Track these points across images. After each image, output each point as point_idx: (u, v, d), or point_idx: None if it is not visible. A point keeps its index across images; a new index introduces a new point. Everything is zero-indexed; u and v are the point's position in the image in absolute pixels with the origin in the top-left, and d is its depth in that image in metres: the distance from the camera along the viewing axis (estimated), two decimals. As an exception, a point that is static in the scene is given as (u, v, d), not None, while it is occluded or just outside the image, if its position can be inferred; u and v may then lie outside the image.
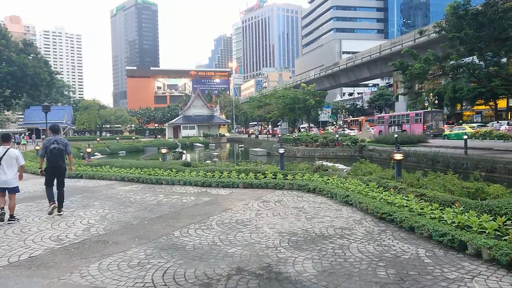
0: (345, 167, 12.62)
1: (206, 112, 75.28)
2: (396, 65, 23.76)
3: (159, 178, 12.83)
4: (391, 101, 77.61)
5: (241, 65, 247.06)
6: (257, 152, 35.27)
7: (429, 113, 41.44)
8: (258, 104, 72.33)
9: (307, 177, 11.18)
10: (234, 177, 12.05)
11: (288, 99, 52.72)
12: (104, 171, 14.95)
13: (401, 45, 56.03)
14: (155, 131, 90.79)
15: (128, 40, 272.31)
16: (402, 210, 6.93)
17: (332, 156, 29.57)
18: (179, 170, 13.45)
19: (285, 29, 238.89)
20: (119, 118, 66.96)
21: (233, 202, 9.30)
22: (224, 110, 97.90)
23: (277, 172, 11.92)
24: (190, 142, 55.56)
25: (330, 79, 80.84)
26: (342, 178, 10.29)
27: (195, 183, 12.07)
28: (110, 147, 43.00)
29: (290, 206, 8.67)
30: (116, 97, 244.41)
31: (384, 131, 46.72)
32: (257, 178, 11.84)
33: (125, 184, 13.08)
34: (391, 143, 30.06)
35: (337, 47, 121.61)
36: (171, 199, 9.97)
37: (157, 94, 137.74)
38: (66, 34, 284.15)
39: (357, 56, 68.83)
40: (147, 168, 14.26)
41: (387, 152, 25.64)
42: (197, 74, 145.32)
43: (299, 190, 10.69)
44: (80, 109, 67.29)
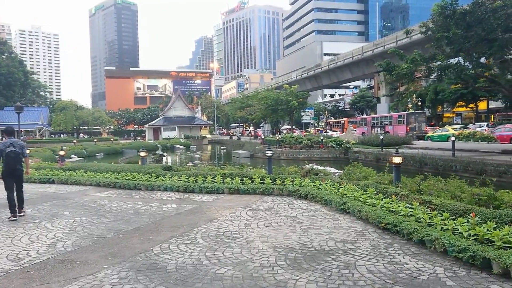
0: (336, 171, 11.95)
1: (187, 114, 74.04)
2: (382, 65, 23.34)
3: (137, 184, 11.91)
4: (373, 103, 77.90)
5: (222, 66, 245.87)
6: (240, 154, 34.45)
7: (412, 114, 41.39)
8: (240, 106, 71.49)
9: (297, 182, 10.45)
10: (219, 182, 11.23)
11: (271, 100, 52.08)
12: (78, 176, 13.91)
13: (383, 47, 56.28)
14: (134, 132, 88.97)
15: (107, 40, 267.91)
16: (408, 220, 6.24)
17: (317, 158, 29.02)
18: (159, 174, 12.54)
19: (266, 31, 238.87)
20: (97, 119, 65.07)
21: (219, 211, 8.48)
22: (206, 112, 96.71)
23: (265, 177, 11.16)
24: (171, 144, 54.28)
25: (312, 80, 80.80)
26: (335, 183, 9.58)
27: (177, 188, 11.20)
28: (87, 149, 41.48)
29: (282, 215, 7.91)
30: (94, 98, 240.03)
31: (367, 132, 46.56)
32: (244, 183, 11.05)
33: (100, 190, 12.10)
34: (376, 145, 29.70)
35: (319, 49, 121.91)
36: (150, 207, 9.08)
37: (137, 95, 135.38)
38: (43, 33, 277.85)
39: (339, 57, 68.87)
40: (125, 172, 13.31)
41: (374, 154, 25.23)
42: (177, 75, 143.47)
43: (289, 196, 9.95)
44: (56, 110, 65.14)
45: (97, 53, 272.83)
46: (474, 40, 18.98)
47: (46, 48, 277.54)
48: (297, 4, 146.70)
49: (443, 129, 38.78)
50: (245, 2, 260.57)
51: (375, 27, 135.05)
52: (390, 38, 55.48)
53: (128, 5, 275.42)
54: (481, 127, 41.88)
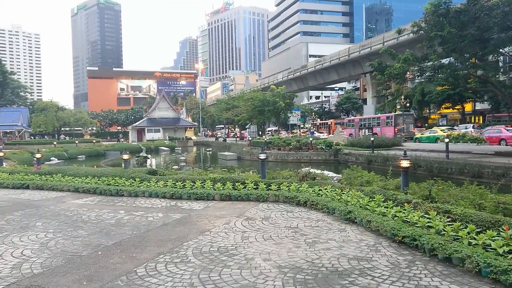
0: (335, 175, 11.21)
1: (171, 115, 72.67)
2: (374, 65, 22.78)
3: (119, 189, 10.97)
4: (358, 104, 77.89)
5: (207, 67, 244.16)
6: (227, 156, 33.58)
7: (400, 116, 41.11)
8: (226, 107, 70.50)
9: (294, 187, 9.66)
10: (209, 188, 10.38)
11: (258, 101, 51.30)
12: (55, 181, 12.88)
13: (370, 48, 56.08)
14: (117, 134, 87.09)
15: (89, 41, 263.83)
16: (429, 233, 5.50)
17: (306, 160, 28.31)
18: (143, 179, 11.62)
19: (252, 32, 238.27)
20: (78, 120, 63.28)
21: (211, 221, 7.63)
22: (191, 113, 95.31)
23: (259, 182, 10.34)
24: (155, 145, 53.08)
25: (298, 82, 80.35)
26: (337, 189, 8.82)
27: (163, 195, 10.31)
28: (68, 151, 40.07)
29: (282, 226, 7.11)
30: (77, 99, 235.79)
31: (355, 134, 46.18)
32: (236, 188, 10.22)
33: (79, 196, 11.12)
34: (365, 147, 29.13)
35: (304, 50, 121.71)
36: (133, 217, 8.18)
37: (120, 96, 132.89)
38: (23, 33, 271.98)
39: (326, 58, 68.51)
40: (106, 177, 12.35)
41: (365, 156, 24.63)
42: (162, 75, 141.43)
43: (286, 203, 9.16)
44: (36, 110, 63.13)
45: (80, 53, 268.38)
46: (469, 39, 18.50)
47: (27, 48, 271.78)
48: (283, 5, 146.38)
49: (431, 130, 38.55)
50: (230, 3, 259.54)
51: (360, 29, 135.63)
52: (377, 39, 55.30)
53: (112, 5, 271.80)
54: (467, 128, 41.82)
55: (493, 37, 18.39)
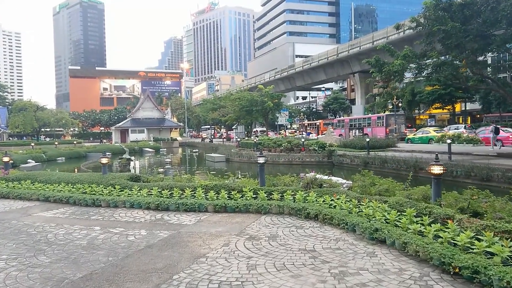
0: (344, 181, 9.90)
1: (156, 115, 70.80)
2: (371, 62, 21.61)
3: (96, 199, 9.48)
4: (346, 104, 77.22)
5: (193, 67, 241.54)
6: (215, 158, 32.10)
7: (392, 116, 40.23)
8: (212, 107, 68.85)
9: (300, 196, 8.31)
10: (201, 197, 8.97)
11: (245, 101, 49.87)
12: (23, 188, 11.32)
13: (359, 48, 55.25)
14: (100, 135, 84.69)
15: (72, 40, 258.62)
16: (497, 264, 4.22)
17: (298, 162, 27.08)
18: (124, 186, 10.16)
19: (237, 32, 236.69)
20: (59, 121, 60.95)
21: (205, 241, 6.24)
22: (176, 113, 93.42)
23: (258, 190, 8.97)
24: (139, 147, 51.23)
25: (285, 82, 79.24)
26: (353, 199, 7.49)
27: (147, 205, 8.87)
28: (46, 153, 38.07)
29: (294, 248, 5.76)
30: (59, 99, 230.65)
31: (344, 134, 45.22)
32: (232, 197, 8.84)
33: (48, 207, 9.60)
34: (359, 148, 28.07)
35: (290, 50, 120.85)
36: (110, 236, 6.73)
37: (103, 96, 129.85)
38: (3, 32, 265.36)
39: (314, 58, 67.52)
40: (82, 183, 10.84)
41: (361, 158, 23.43)
42: (146, 75, 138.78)
43: (292, 215, 7.81)
44: (14, 110, 60.60)
45: (62, 52, 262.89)
46: (473, 34, 17.46)
47: (7, 46, 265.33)
48: (269, 5, 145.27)
49: (424, 130, 37.68)
50: (215, 3, 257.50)
51: (346, 29, 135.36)
52: (366, 39, 54.47)
53: (95, 3, 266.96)
54: (458, 129, 41.13)
55: (498, 32, 17.37)
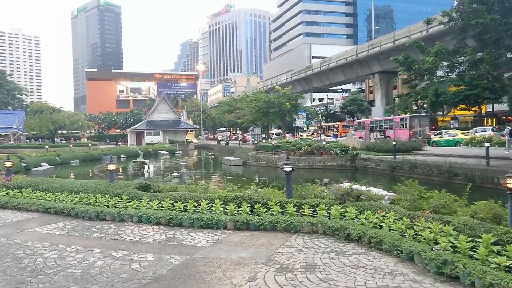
0: (385, 192, 8.55)
1: (172, 117, 70.08)
2: (399, 60, 20.13)
3: (100, 211, 8.34)
4: (364, 106, 75.45)
5: (208, 70, 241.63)
6: (231, 161, 30.91)
7: (416, 118, 38.45)
8: (228, 109, 67.83)
9: (336, 211, 7.00)
10: (219, 211, 7.73)
11: (262, 103, 48.65)
12: (23, 197, 10.27)
13: (379, 47, 53.55)
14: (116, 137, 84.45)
15: (89, 43, 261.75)
16: None
17: (319, 166, 25.73)
18: (132, 197, 9.00)
19: (253, 34, 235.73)
20: (74, 123, 60.68)
21: (226, 272, 4.99)
22: (191, 115, 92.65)
23: (285, 203, 7.70)
24: (154, 149, 50.44)
25: (302, 83, 77.80)
26: (404, 218, 6.12)
27: (157, 220, 7.68)
28: (60, 156, 37.40)
29: (341, 286, 4.47)
30: (77, 102, 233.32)
31: (365, 137, 43.61)
32: (255, 212, 7.59)
33: (47, 220, 8.49)
34: (384, 151, 26.54)
35: (307, 51, 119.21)
36: (111, 263, 5.53)
37: (119, 98, 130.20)
38: (23, 36, 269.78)
39: (332, 59, 65.95)
40: (86, 192, 9.72)
41: (387, 162, 21.92)
42: (162, 77, 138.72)
43: (329, 235, 6.53)
44: (30, 113, 60.49)
45: (80, 56, 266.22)
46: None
47: (27, 50, 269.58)
48: (285, 6, 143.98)
49: (450, 133, 35.89)
50: (230, 5, 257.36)
51: (364, 30, 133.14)
52: (387, 38, 52.71)
53: (112, 7, 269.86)
54: (485, 131, 39.16)
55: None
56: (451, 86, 44.28)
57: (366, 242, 5.89)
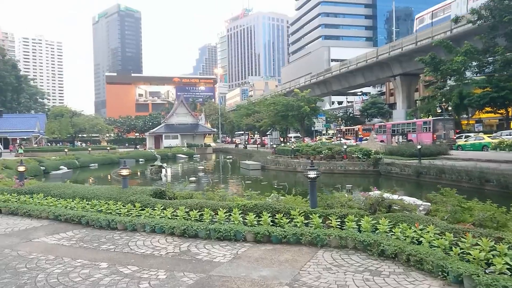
0: (420, 202, 7.80)
1: (190, 121, 70.04)
2: (425, 60, 19.36)
3: (112, 220, 7.84)
4: (384, 109, 74.06)
5: (226, 74, 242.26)
6: (249, 165, 30.33)
7: (440, 121, 37.09)
8: (247, 112, 67.34)
9: (367, 224, 6.32)
10: (237, 221, 7.13)
11: (281, 106, 48.00)
12: (34, 203, 9.86)
13: (401, 49, 52.36)
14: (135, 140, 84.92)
15: (110, 48, 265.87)
16: None
17: (341, 171, 24.93)
18: (146, 204, 8.48)
19: (271, 38, 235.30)
20: (94, 126, 61.18)
21: (246, 295, 4.39)
22: (210, 119, 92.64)
23: (310, 213, 7.05)
24: (172, 153, 50.28)
25: (321, 86, 76.89)
26: (447, 233, 5.40)
27: (171, 230, 7.12)
28: (79, 159, 37.51)
29: (381, 317, 3.81)
30: (98, 106, 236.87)
31: (386, 141, 42.52)
32: (277, 223, 6.97)
33: (56, 229, 8.03)
34: (408, 155, 25.53)
35: (326, 54, 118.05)
36: (117, 281, 4.97)
37: (139, 102, 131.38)
38: (46, 41, 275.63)
39: (352, 61, 64.90)
40: (98, 199, 9.25)
41: (412, 167, 20.99)
42: (181, 81, 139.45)
43: (359, 250, 5.86)
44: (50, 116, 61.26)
45: (100, 60, 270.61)
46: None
47: (50, 56, 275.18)
48: (303, 9, 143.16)
49: (477, 137, 34.54)
50: (249, 9, 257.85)
51: (383, 32, 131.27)
52: (409, 40, 51.46)
53: (132, 12, 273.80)
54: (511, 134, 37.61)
55: None
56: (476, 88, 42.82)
57: (404, 260, 5.20)
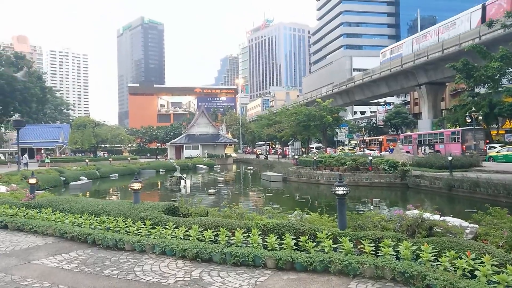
0: (467, 224, 6.84)
1: (211, 131, 69.79)
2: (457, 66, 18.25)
3: (119, 239, 7.15)
4: (409, 119, 72.24)
5: (247, 84, 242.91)
6: (271, 177, 29.49)
7: (469, 131, 35.53)
8: (268, 123, 66.70)
9: (406, 250, 5.41)
10: (256, 243, 6.33)
11: (302, 116, 47.12)
12: (41, 219, 9.28)
13: (426, 57, 50.85)
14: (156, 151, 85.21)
15: (134, 60, 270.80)
16: None
17: (366, 183, 23.85)
18: (157, 222, 7.78)
19: (292, 48, 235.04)
20: (116, 136, 61.60)
21: None
22: (231, 129, 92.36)
23: (339, 235, 6.19)
24: (193, 163, 49.92)
25: (343, 96, 75.64)
26: (509, 266, 4.50)
27: (182, 253, 6.37)
28: (100, 170, 37.41)
29: None
30: (121, 117, 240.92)
31: (412, 151, 41.10)
32: (301, 246, 6.14)
33: (59, 248, 7.39)
34: (437, 167, 24.30)
35: (348, 64, 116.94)
36: (114, 319, 4.25)
37: (160, 112, 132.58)
38: (72, 54, 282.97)
39: (375, 70, 63.57)
40: (107, 215, 8.61)
41: (444, 180, 19.74)
42: (202, 91, 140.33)
43: (397, 282, 4.97)
44: (73, 127, 62.06)
45: (124, 72, 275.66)
46: None
47: (76, 68, 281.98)
48: (325, 19, 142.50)
49: (509, 147, 32.87)
50: (270, 20, 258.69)
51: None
52: (435, 47, 49.88)
53: (155, 24, 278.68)
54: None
55: None
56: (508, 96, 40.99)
57: (456, 299, 4.29)
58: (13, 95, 51.85)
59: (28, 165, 41.29)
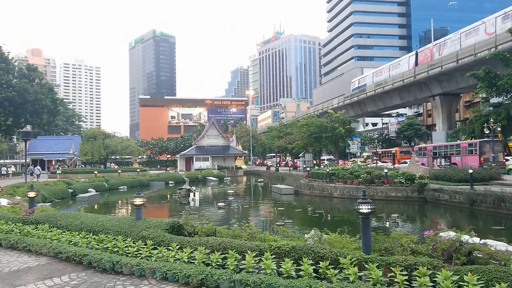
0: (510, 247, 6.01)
1: (221, 143, 69.29)
2: (478, 75, 17.41)
3: (117, 261, 6.43)
4: (422, 131, 71.04)
5: (258, 96, 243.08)
6: (282, 190, 28.66)
7: (487, 143, 34.38)
8: (278, 134, 66.00)
9: (447, 281, 4.60)
10: (270, 269, 5.55)
11: (314, 127, 46.33)
12: (37, 235, 8.63)
13: (440, 67, 49.89)
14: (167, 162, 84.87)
15: (145, 72, 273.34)
16: None
17: (381, 197, 22.89)
18: (159, 241, 7.05)
19: (302, 60, 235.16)
20: (126, 148, 61.32)
21: None
22: (241, 141, 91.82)
23: (364, 260, 5.40)
24: (202, 175, 49.29)
25: (355, 107, 74.74)
26: None
27: (186, 279, 5.63)
28: (108, 182, 36.93)
29: None
30: (132, 128, 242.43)
31: (427, 164, 39.93)
32: (321, 273, 5.36)
33: (52, 271, 6.69)
34: (456, 180, 23.28)
35: (359, 75, 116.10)
36: None
37: (171, 124, 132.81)
38: (85, 66, 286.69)
39: (388, 81, 62.67)
40: (106, 233, 7.91)
41: (465, 194, 18.72)
42: (212, 103, 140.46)
43: (442, 323, 4.16)
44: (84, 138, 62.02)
45: (136, 84, 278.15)
46: None
47: (88, 80, 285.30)
48: (336, 30, 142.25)
49: (530, 160, 31.66)
50: (281, 32, 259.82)
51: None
52: (449, 58, 48.90)
53: (167, 37, 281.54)
54: None
55: None
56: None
57: None
58: (24, 107, 52.02)
59: (40, 177, 41.05)
